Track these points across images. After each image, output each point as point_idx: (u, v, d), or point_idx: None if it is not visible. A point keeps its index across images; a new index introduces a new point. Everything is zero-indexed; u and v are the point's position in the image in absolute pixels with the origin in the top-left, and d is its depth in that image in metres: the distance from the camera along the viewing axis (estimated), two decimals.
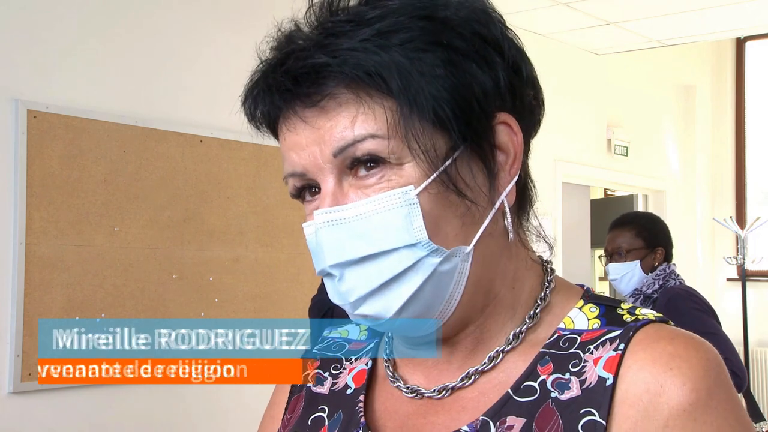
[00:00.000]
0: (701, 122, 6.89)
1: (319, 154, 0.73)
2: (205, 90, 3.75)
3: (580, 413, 0.71)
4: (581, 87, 5.70)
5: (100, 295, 3.37)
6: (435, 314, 0.74)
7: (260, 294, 3.85)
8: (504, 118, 0.75)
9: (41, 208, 3.22)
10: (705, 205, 6.87)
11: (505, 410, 0.73)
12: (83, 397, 3.34)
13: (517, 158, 0.76)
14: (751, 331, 5.90)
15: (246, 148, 3.86)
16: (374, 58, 0.70)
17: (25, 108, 3.19)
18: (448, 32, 0.72)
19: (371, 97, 0.71)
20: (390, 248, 0.71)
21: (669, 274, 3.23)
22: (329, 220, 0.73)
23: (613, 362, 0.72)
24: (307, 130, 0.73)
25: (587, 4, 4.97)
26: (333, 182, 0.73)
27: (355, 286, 0.73)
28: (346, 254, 0.72)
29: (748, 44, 7.02)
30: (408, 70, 0.70)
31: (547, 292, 0.79)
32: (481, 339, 0.78)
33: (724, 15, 5.24)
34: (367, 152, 0.71)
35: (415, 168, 0.71)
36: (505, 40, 0.76)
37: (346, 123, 0.71)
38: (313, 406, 0.86)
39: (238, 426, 3.72)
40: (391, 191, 0.71)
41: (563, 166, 5.53)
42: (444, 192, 0.72)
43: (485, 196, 0.74)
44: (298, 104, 0.73)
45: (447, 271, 0.73)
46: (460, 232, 0.73)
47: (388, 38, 0.71)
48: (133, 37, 3.54)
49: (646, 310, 0.77)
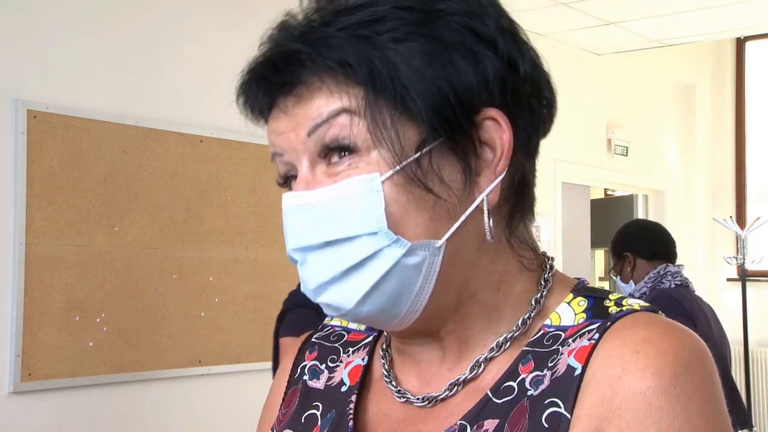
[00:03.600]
0: (701, 122, 6.89)
1: (294, 137, 0.73)
2: (205, 90, 3.75)
3: (545, 404, 0.69)
4: (581, 87, 5.70)
5: (100, 295, 3.37)
6: (405, 307, 0.73)
7: (260, 294, 3.85)
8: (491, 114, 0.73)
9: (41, 208, 3.22)
10: (705, 205, 6.87)
11: (483, 413, 0.72)
12: (83, 397, 3.34)
13: (505, 156, 0.73)
14: (751, 331, 5.90)
15: (246, 148, 3.86)
16: (346, 47, 0.70)
17: (25, 108, 3.19)
18: (433, 23, 0.71)
19: (340, 85, 0.71)
20: (351, 235, 0.70)
21: (663, 275, 3.22)
22: (295, 204, 0.73)
23: (584, 352, 0.70)
24: (286, 119, 0.73)
25: (587, 4, 4.97)
26: (307, 167, 0.73)
27: (315, 272, 0.73)
28: (307, 239, 0.72)
29: (748, 44, 7.02)
30: (379, 59, 0.70)
31: (543, 293, 0.77)
32: (464, 337, 0.77)
33: (724, 15, 5.24)
34: (336, 135, 0.71)
35: (383, 157, 0.71)
36: (503, 34, 0.74)
37: (319, 103, 0.71)
38: (308, 403, 0.85)
39: (238, 425, 3.72)
40: (355, 177, 0.71)
41: (563, 166, 5.53)
42: (409, 183, 0.71)
43: (458, 193, 0.72)
44: (277, 93, 0.74)
45: (413, 264, 0.71)
46: (429, 226, 0.71)
47: (367, 27, 0.70)
48: (134, 37, 3.54)
49: (634, 301, 0.75)
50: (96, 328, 3.35)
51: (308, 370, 0.88)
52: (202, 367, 3.70)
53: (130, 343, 3.46)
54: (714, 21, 5.38)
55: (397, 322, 0.74)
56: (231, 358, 3.79)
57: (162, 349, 3.56)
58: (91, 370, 3.33)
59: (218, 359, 3.76)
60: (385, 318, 0.74)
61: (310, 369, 0.88)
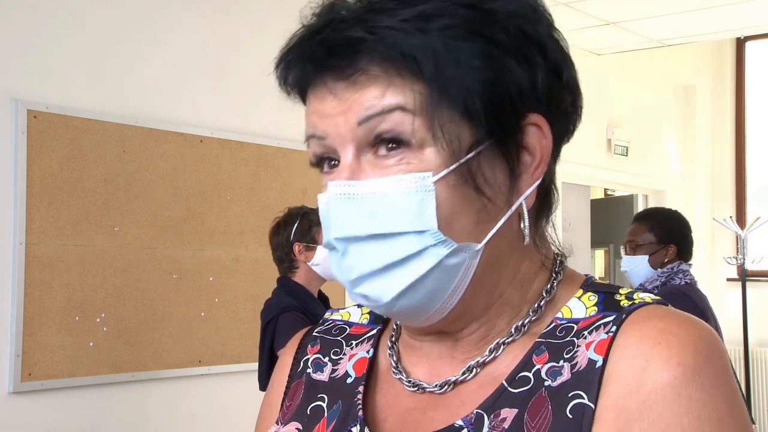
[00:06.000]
0: (701, 122, 6.89)
1: (343, 123, 0.72)
2: (205, 90, 3.75)
3: (569, 396, 0.70)
4: (581, 87, 5.69)
5: (100, 295, 3.37)
6: (436, 306, 0.73)
7: (260, 294, 3.83)
8: (535, 120, 0.74)
9: (41, 208, 3.22)
10: (705, 205, 6.87)
11: (499, 402, 0.73)
12: (83, 397, 3.34)
13: (543, 162, 0.75)
14: (751, 331, 5.90)
15: (246, 149, 3.86)
16: (411, 40, 0.69)
17: (25, 108, 3.19)
18: (491, 24, 0.71)
19: (403, 78, 0.70)
20: (397, 231, 0.70)
21: (676, 272, 3.24)
22: (342, 193, 0.72)
23: (603, 344, 0.71)
24: (335, 101, 0.72)
25: (587, 4, 4.97)
26: (352, 155, 0.72)
27: (356, 264, 0.72)
28: (352, 229, 0.71)
29: (748, 44, 7.02)
30: (444, 57, 0.69)
31: (554, 284, 0.78)
32: (487, 336, 0.77)
33: (724, 15, 5.24)
34: (391, 128, 0.70)
35: (437, 156, 0.70)
36: (551, 41, 0.75)
37: (375, 93, 0.70)
38: (313, 395, 0.85)
39: (237, 425, 3.72)
40: (408, 174, 0.70)
41: (563, 166, 5.46)
42: (462, 185, 0.71)
43: (503, 196, 0.73)
44: (328, 75, 0.72)
45: (454, 265, 0.71)
46: (473, 229, 0.72)
47: (429, 21, 0.69)
48: (134, 37, 3.54)
49: (645, 294, 0.76)
50: (96, 328, 3.35)
51: (312, 363, 0.88)
52: (202, 367, 3.70)
53: (130, 343, 3.46)
54: (714, 21, 5.38)
55: (425, 318, 0.75)
56: (231, 358, 3.79)
57: (162, 349, 3.56)
58: (91, 370, 3.33)
59: (218, 359, 3.76)
60: (414, 314, 0.74)
61: (314, 362, 0.88)
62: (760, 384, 6.48)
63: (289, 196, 3.86)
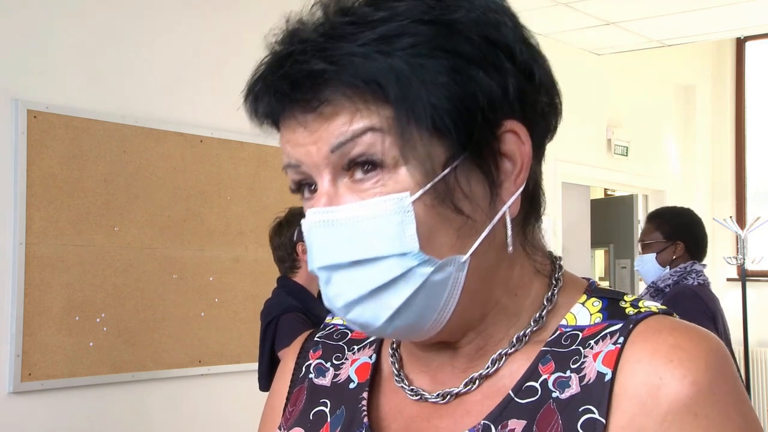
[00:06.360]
0: (701, 122, 6.89)
1: (315, 152, 0.71)
2: (205, 90, 3.75)
3: (579, 411, 0.70)
4: (581, 87, 5.70)
5: (100, 295, 3.37)
6: (429, 322, 0.73)
7: (260, 294, 3.83)
8: (512, 126, 0.73)
9: (41, 208, 3.22)
10: (705, 205, 6.86)
11: (506, 413, 0.72)
12: (83, 397, 3.34)
13: (524, 168, 0.74)
14: (751, 331, 5.89)
15: (246, 148, 3.86)
16: (373, 65, 0.68)
17: (25, 108, 3.19)
18: (454, 37, 0.70)
19: (368, 104, 0.69)
20: (379, 255, 0.70)
21: (689, 272, 3.24)
22: (321, 220, 0.71)
23: (612, 356, 0.71)
24: (305, 132, 0.72)
25: (587, 4, 4.97)
26: (329, 181, 0.72)
27: (342, 291, 0.72)
28: (335, 257, 0.71)
29: (748, 44, 7.02)
30: (408, 77, 0.68)
31: (555, 291, 0.78)
32: (484, 345, 0.77)
33: (724, 15, 5.24)
34: (364, 151, 0.69)
35: (411, 175, 0.70)
36: (518, 42, 0.73)
37: (343, 120, 0.70)
38: (315, 400, 0.85)
39: (237, 425, 3.72)
40: (386, 196, 0.69)
41: (563, 166, 5.52)
42: (439, 203, 0.70)
43: (485, 207, 0.72)
44: (296, 109, 0.72)
45: (440, 280, 0.71)
46: (455, 243, 0.71)
47: (390, 43, 0.69)
48: (134, 37, 3.54)
49: (650, 302, 0.75)
50: (96, 328, 3.35)
51: (314, 368, 0.88)
52: (202, 367, 3.70)
53: (130, 343, 3.46)
54: (714, 21, 5.39)
55: (422, 334, 0.74)
56: (231, 358, 3.79)
57: (162, 349, 3.56)
58: (91, 370, 3.33)
59: (218, 359, 3.76)
60: (409, 332, 0.74)
61: (316, 367, 0.88)
62: (760, 384, 6.48)
63: (289, 196, 3.81)
